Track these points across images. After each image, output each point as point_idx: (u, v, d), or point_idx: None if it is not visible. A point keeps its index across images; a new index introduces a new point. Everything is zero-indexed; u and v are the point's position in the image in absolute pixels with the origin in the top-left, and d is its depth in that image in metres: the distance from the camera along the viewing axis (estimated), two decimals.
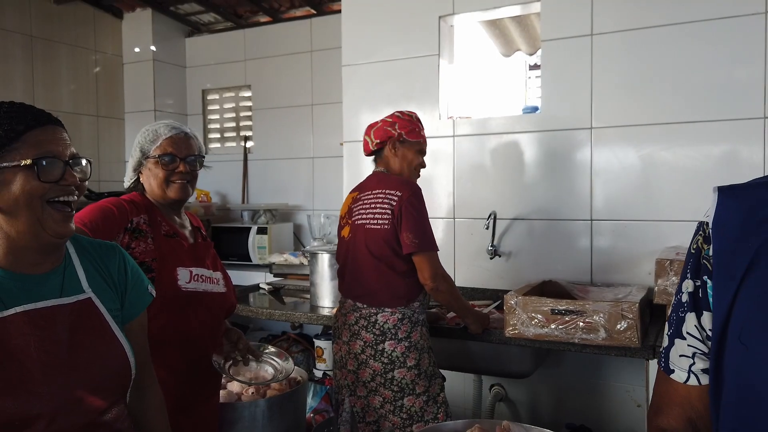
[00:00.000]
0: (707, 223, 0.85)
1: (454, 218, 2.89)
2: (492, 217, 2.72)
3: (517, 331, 2.15)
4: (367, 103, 3.07)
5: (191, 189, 1.71)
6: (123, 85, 4.27)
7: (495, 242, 2.76)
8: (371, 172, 2.27)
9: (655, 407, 0.89)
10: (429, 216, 2.11)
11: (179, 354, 1.60)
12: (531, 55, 3.62)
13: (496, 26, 3.44)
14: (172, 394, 1.51)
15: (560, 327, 2.09)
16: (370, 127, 2.27)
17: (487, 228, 2.72)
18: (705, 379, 0.83)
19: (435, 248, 2.10)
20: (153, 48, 4.15)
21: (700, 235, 0.87)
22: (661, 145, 2.46)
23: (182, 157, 1.66)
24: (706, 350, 0.83)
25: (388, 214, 2.07)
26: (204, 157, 1.75)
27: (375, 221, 2.10)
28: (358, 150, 3.01)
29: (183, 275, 1.60)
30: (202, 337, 1.65)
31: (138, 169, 1.71)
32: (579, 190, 2.62)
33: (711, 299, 0.82)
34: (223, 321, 1.77)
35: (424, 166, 2.29)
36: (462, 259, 2.88)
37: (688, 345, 0.85)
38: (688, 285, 0.86)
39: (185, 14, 4.18)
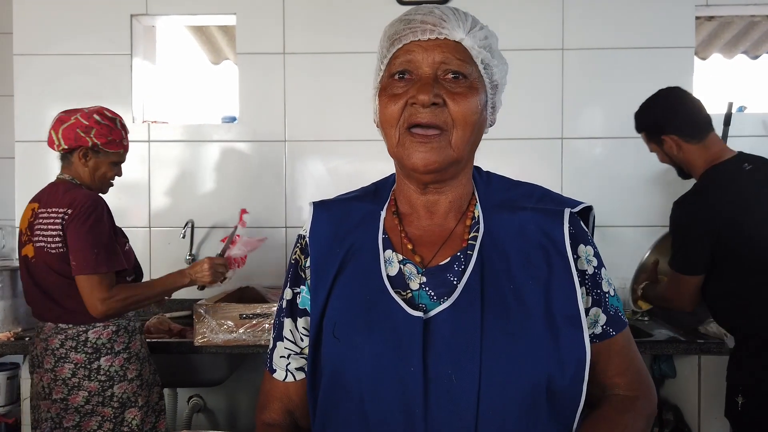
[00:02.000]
0: (304, 236, 0.93)
1: (150, 227, 2.76)
2: (189, 225, 2.67)
3: (206, 339, 2.15)
4: (46, 98, 2.73)
5: None
6: None
7: (194, 251, 2.72)
8: (55, 178, 1.98)
9: (261, 405, 0.95)
10: (126, 226, 1.94)
11: None
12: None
13: (203, 33, 3.39)
14: None
15: (248, 330, 2.16)
16: (60, 122, 1.92)
17: (183, 237, 2.66)
18: (300, 376, 0.92)
19: (101, 269, 1.82)
20: None
21: (298, 246, 0.94)
22: (346, 159, 2.74)
23: None
24: (299, 351, 0.92)
25: (60, 236, 1.86)
26: None
27: (53, 245, 1.87)
28: (36, 151, 2.66)
29: None
30: None
31: None
32: (276, 198, 2.75)
33: (306, 305, 0.91)
34: None
35: (119, 174, 2.06)
36: (159, 269, 2.73)
37: (285, 347, 0.92)
38: (288, 293, 0.93)
39: None
